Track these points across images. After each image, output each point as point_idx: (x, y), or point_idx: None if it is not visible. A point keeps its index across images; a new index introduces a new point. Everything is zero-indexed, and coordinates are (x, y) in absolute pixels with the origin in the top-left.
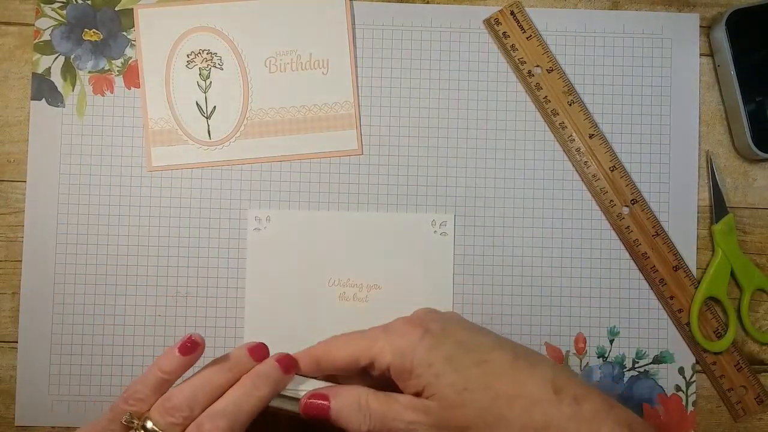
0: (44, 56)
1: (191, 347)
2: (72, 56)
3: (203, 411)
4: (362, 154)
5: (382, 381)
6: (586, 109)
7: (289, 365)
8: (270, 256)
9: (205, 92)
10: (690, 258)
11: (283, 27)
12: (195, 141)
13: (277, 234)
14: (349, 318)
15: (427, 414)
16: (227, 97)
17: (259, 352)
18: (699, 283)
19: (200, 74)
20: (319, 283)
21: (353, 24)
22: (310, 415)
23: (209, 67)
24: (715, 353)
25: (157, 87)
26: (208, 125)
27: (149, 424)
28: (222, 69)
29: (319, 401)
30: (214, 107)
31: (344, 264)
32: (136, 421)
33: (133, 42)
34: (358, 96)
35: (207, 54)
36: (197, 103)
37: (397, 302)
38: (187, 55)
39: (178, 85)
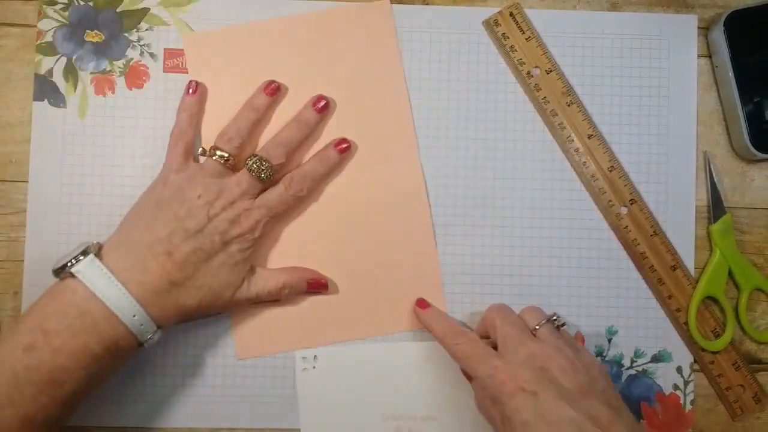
0: (46, 57)
1: (276, 88)
2: (74, 57)
3: (247, 139)
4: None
5: None
6: (585, 109)
7: (323, 108)
8: (321, 395)
9: None
10: (688, 258)
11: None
12: None
13: (326, 372)
14: None
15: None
16: None
17: (271, 88)
18: (697, 282)
19: None
20: (374, 418)
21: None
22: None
23: None
24: (713, 352)
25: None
26: None
27: (218, 152)
28: None
29: (467, 375)
30: None
31: (396, 396)
32: (209, 149)
33: (134, 43)
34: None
35: None
36: None
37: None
38: None
39: None
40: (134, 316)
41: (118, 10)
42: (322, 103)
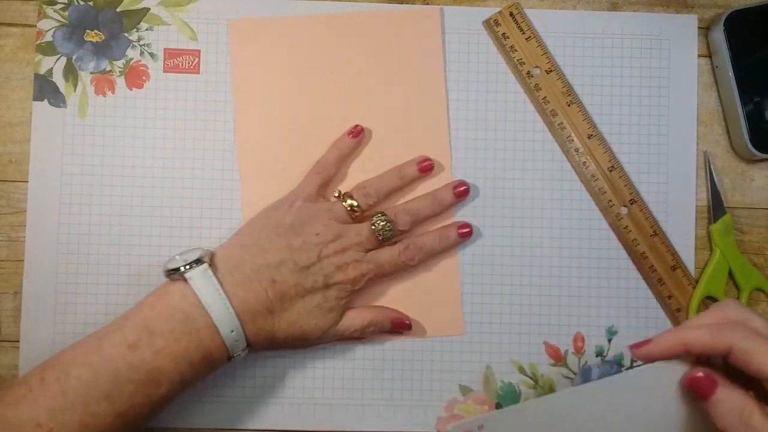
0: (46, 57)
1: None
2: (74, 57)
3: (382, 200)
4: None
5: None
6: (585, 109)
7: (461, 193)
8: None
9: None
10: (688, 258)
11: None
12: None
13: None
14: None
15: None
16: None
17: (425, 165)
18: (697, 282)
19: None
20: None
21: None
22: (692, 387)
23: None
24: None
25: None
26: None
27: (349, 200)
28: None
29: (710, 380)
30: None
31: None
32: (343, 194)
33: (134, 43)
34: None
35: None
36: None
37: None
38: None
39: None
40: (232, 331)
41: (118, 10)
42: (463, 188)
